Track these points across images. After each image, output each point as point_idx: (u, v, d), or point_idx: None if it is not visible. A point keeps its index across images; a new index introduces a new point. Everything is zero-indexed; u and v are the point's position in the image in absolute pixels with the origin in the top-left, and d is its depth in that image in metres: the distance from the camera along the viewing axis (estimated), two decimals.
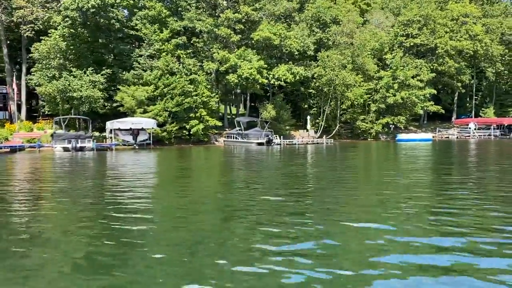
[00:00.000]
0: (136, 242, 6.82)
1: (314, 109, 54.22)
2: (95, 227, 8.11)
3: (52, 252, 6.21)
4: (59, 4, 40.17)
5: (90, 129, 38.76)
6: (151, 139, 39.54)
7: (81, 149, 33.18)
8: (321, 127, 52.54)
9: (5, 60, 44.38)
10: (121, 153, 31.79)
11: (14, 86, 43.89)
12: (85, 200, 11.58)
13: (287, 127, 51.45)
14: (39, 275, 5.12)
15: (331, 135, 52.71)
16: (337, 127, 52.88)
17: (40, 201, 11.96)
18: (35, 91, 43.66)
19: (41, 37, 40.85)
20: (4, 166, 22.88)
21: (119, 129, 37.16)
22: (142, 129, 38.22)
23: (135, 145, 37.40)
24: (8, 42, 44.59)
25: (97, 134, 39.28)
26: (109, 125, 36.74)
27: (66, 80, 37.61)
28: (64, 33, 39.39)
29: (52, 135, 35.94)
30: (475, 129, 55.98)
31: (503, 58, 62.82)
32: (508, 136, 55.48)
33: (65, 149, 32.60)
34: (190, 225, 8.46)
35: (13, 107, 45.12)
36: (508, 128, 57.92)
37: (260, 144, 39.27)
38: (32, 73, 42.35)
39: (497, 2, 69.92)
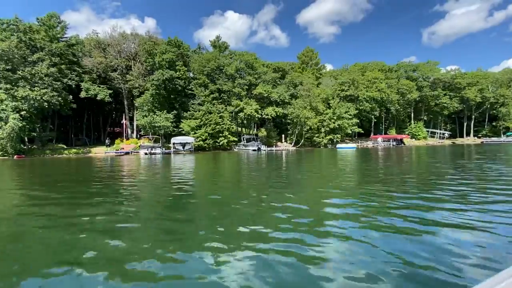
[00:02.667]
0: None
1: (289, 131, 55.45)
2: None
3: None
4: (151, 77, 42.27)
5: (161, 142, 39.87)
6: (193, 148, 40.04)
7: (154, 153, 33.82)
8: (293, 141, 53.92)
9: (125, 109, 47.47)
10: (176, 155, 31.84)
11: (127, 120, 46.72)
12: (157, 179, 12.19)
13: (274, 141, 53.08)
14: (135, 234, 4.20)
15: (299, 145, 53.84)
16: (302, 140, 53.94)
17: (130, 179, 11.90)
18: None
19: (140, 94, 43.46)
20: (120, 160, 23.92)
21: (176, 143, 38.22)
22: (187, 143, 39.09)
23: (183, 151, 38.26)
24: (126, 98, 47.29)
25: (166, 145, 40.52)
26: (172, 140, 38.12)
27: (151, 117, 39.38)
28: (153, 92, 41.38)
29: (139, 146, 37.30)
30: (382, 141, 55.40)
31: (399, 102, 63.05)
32: (399, 145, 54.16)
33: (145, 153, 33.43)
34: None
35: (129, 130, 48.05)
36: (400, 140, 56.95)
37: (254, 150, 39.08)
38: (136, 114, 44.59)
39: (395, 71, 70.10)
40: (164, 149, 35.11)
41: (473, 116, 70.90)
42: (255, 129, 58.17)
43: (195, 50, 53.30)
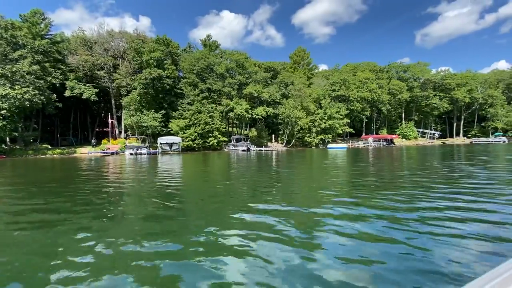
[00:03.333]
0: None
1: (281, 131, 55.07)
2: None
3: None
4: (138, 76, 41.27)
5: (148, 143, 38.35)
6: (180, 148, 38.98)
7: (140, 154, 32.47)
8: (284, 141, 53.66)
9: (113, 108, 46.26)
10: (163, 156, 30.80)
11: (115, 120, 45.69)
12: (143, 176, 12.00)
13: (265, 141, 52.71)
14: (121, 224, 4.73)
15: (290, 145, 53.61)
16: (293, 140, 53.83)
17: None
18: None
19: (128, 93, 42.08)
20: (103, 161, 23.39)
21: (163, 143, 36.69)
22: (174, 143, 37.88)
23: (170, 151, 36.86)
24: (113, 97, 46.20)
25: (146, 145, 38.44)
26: (159, 140, 36.82)
27: (139, 117, 38.40)
28: (140, 91, 40.32)
29: (125, 146, 35.93)
30: (372, 141, 55.58)
31: (390, 102, 63.36)
32: (389, 145, 54.43)
33: (131, 154, 32.13)
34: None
35: (116, 130, 47.05)
36: (390, 140, 57.12)
37: (243, 151, 38.46)
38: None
39: (387, 71, 70.54)
40: (150, 149, 33.99)
41: (463, 117, 71.77)
42: (247, 129, 57.76)
43: (185, 49, 52.59)
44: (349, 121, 56.13)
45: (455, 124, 72.43)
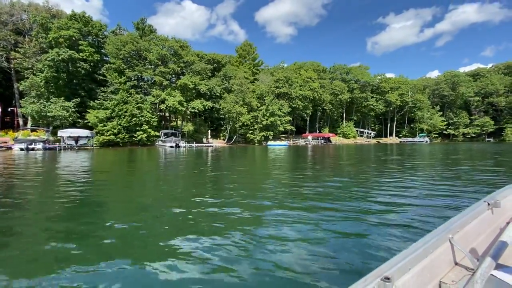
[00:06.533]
0: None
1: (224, 126, 53.07)
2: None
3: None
4: (43, 56, 35.05)
5: (46, 136, 31.68)
6: (91, 143, 34.12)
7: (33, 149, 26.91)
8: (226, 137, 51.62)
9: (15, 94, 38.75)
10: (66, 152, 25.69)
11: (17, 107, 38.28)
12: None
13: (204, 136, 49.93)
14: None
15: (232, 142, 51.78)
16: (235, 137, 52.10)
17: None
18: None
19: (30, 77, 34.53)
20: None
21: (66, 137, 30.65)
22: (81, 136, 32.03)
23: (75, 147, 31.18)
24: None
25: (51, 139, 32.24)
26: (59, 133, 30.82)
27: (42, 105, 32.48)
28: (47, 75, 34.14)
29: (14, 139, 29.69)
30: (312, 139, 56.50)
31: (332, 102, 65.68)
32: (327, 143, 55.49)
33: (21, 149, 26.45)
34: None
35: (20, 120, 39.57)
36: (327, 139, 58.53)
37: (171, 147, 35.45)
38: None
39: (332, 72, 73.00)
40: (48, 144, 28.56)
41: (396, 118, 78.29)
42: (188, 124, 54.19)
43: (114, 30, 46.69)
44: (291, 119, 56.34)
45: (389, 125, 78.66)
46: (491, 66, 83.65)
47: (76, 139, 31.13)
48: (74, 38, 35.41)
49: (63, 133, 30.28)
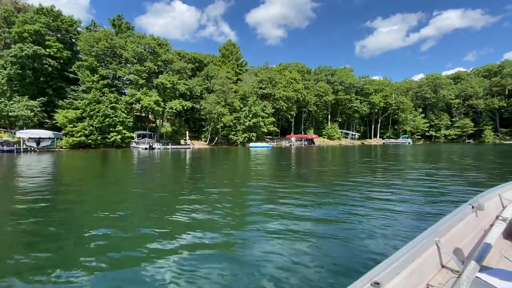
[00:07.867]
0: None
1: (205, 127, 51.60)
2: None
3: None
4: (5, 51, 32.62)
5: (8, 138, 29.21)
6: (55, 145, 31.91)
7: None
8: (208, 138, 50.27)
9: None
10: (25, 155, 23.29)
11: None
12: None
13: (184, 138, 48.27)
14: None
15: (214, 143, 50.50)
16: (217, 138, 50.82)
17: None
18: None
19: None
20: None
21: (25, 138, 28.32)
22: (43, 138, 29.95)
23: (37, 149, 28.94)
24: None
25: (12, 140, 29.25)
26: (18, 134, 28.52)
27: (2, 103, 30.12)
28: (10, 72, 31.81)
29: None
30: (295, 140, 55.64)
31: (316, 103, 65.42)
32: (310, 145, 54.96)
33: None
34: None
35: None
36: (311, 140, 57.91)
37: (144, 149, 33.89)
38: None
39: (317, 74, 72.87)
40: (6, 146, 26.28)
41: (380, 120, 78.99)
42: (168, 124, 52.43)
43: (88, 26, 44.56)
44: (275, 120, 55.59)
45: (373, 126, 79.29)
46: (472, 69, 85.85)
47: (38, 140, 28.81)
48: (40, 33, 33.22)
49: (22, 134, 28.02)
